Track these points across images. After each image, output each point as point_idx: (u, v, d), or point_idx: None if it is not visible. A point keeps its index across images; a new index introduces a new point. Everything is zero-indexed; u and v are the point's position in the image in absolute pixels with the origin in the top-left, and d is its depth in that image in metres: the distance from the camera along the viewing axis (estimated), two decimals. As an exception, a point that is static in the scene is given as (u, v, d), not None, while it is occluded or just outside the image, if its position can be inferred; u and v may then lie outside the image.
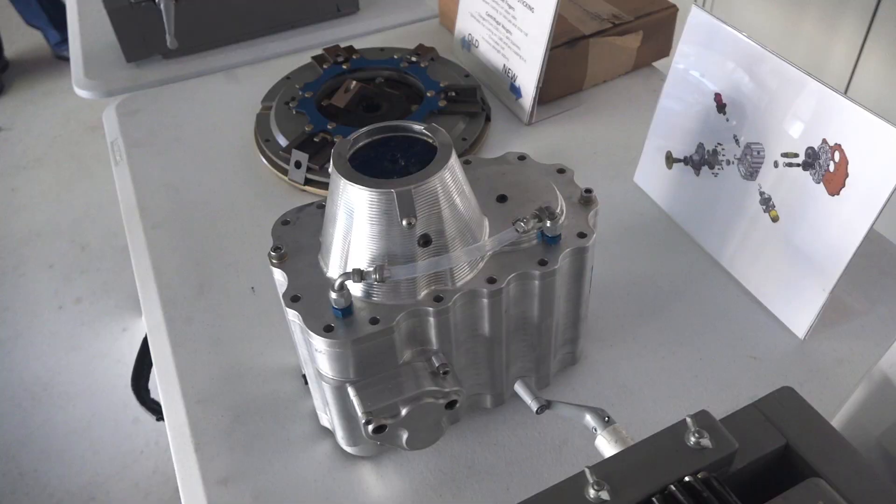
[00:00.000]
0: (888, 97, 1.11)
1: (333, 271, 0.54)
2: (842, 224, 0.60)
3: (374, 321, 0.51)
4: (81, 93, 1.07)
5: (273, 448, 0.62)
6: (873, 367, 0.54)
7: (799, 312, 0.66)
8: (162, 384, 0.68)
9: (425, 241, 0.51)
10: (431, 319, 0.52)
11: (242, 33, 1.11)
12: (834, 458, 0.47)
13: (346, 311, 0.51)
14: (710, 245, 0.75)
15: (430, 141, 0.54)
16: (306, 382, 0.60)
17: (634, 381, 0.65)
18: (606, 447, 0.49)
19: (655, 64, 1.04)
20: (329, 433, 0.62)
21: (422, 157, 0.53)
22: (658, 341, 0.68)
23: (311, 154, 0.84)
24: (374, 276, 0.49)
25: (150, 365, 0.84)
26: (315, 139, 0.86)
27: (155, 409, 0.84)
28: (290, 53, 1.10)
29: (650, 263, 0.75)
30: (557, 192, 0.59)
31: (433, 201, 0.50)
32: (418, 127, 0.53)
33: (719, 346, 0.67)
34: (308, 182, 0.85)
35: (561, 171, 0.62)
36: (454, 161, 0.51)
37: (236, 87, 1.04)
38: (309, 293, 0.53)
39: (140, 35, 1.05)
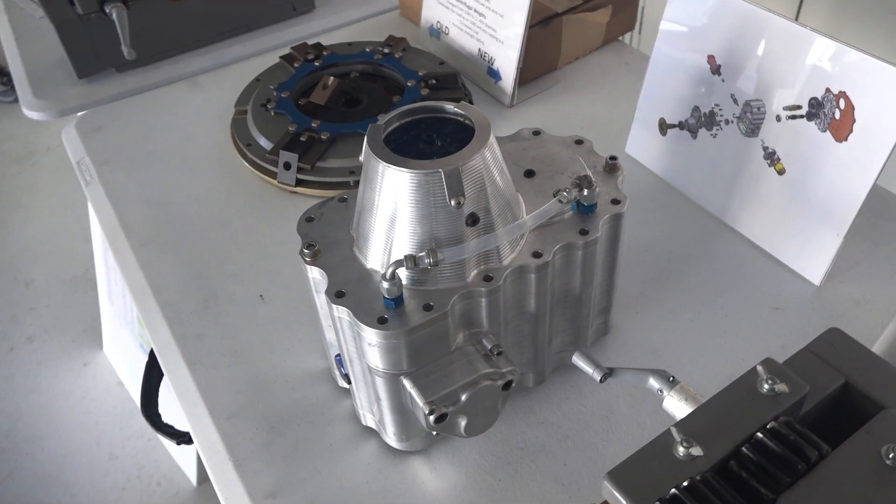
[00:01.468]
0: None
1: (375, 262, 0.52)
2: (852, 168, 0.62)
3: (427, 308, 0.49)
4: (32, 114, 1.00)
5: (317, 455, 0.59)
6: (906, 300, 0.56)
7: (813, 260, 0.68)
8: (184, 405, 0.64)
9: (473, 220, 0.50)
10: (483, 300, 0.51)
11: (198, 40, 1.07)
12: (895, 390, 0.48)
13: (398, 300, 0.49)
14: (714, 205, 0.76)
15: (462, 120, 0.53)
16: (349, 381, 0.57)
17: (667, 345, 0.66)
18: (677, 406, 0.49)
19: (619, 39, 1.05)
20: (372, 433, 0.60)
21: (456, 137, 0.52)
22: (681, 304, 0.69)
23: (300, 154, 0.81)
24: (427, 261, 0.48)
25: (158, 388, 0.80)
26: (301, 138, 0.83)
27: (173, 433, 0.79)
28: (251, 56, 1.07)
29: (657, 230, 0.76)
30: (583, 163, 0.59)
31: (479, 179, 0.49)
32: (451, 107, 0.52)
33: (741, 302, 0.69)
34: (299, 183, 0.82)
35: (579, 141, 0.62)
36: (493, 138, 0.50)
37: (201, 95, 1.00)
38: (353, 287, 0.51)
39: (91, 48, 1.00)
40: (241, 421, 0.62)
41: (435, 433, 0.57)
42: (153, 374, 0.78)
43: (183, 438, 0.78)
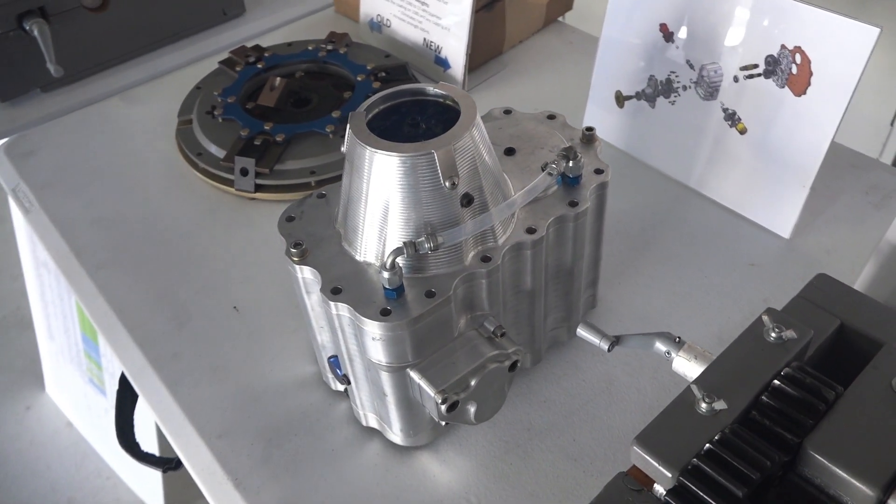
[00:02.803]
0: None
1: (369, 254, 0.50)
2: (813, 120, 0.64)
3: (430, 294, 0.48)
4: (-47, 145, 0.93)
5: (320, 462, 0.57)
6: (880, 241, 0.58)
7: (781, 214, 0.70)
8: (169, 429, 0.61)
9: (468, 200, 0.49)
10: (483, 282, 0.50)
11: (127, 51, 1.02)
12: (889, 325, 0.49)
13: (400, 290, 0.48)
14: (678, 171, 0.78)
15: (443, 101, 0.51)
16: (348, 382, 0.55)
17: (653, 311, 0.66)
18: (688, 366, 0.49)
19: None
20: (374, 433, 0.59)
21: (440, 119, 0.51)
22: (660, 271, 0.70)
23: (256, 158, 0.79)
24: (427, 246, 0.47)
25: (132, 416, 0.75)
26: (255, 142, 0.80)
27: (156, 461, 0.75)
28: (186, 65, 1.03)
29: (625, 202, 0.77)
30: (561, 136, 0.59)
31: (470, 158, 0.48)
32: (432, 88, 0.51)
33: (717, 262, 0.70)
34: (258, 188, 0.79)
35: (551, 116, 0.62)
36: (479, 117, 0.49)
37: (137, 108, 0.95)
38: (348, 282, 0.49)
39: (13, 69, 0.94)
40: (234, 438, 0.59)
41: (444, 423, 0.56)
42: (126, 402, 0.74)
43: (169, 465, 0.74)
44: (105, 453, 1.42)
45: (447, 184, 0.47)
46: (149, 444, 1.04)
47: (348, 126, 0.49)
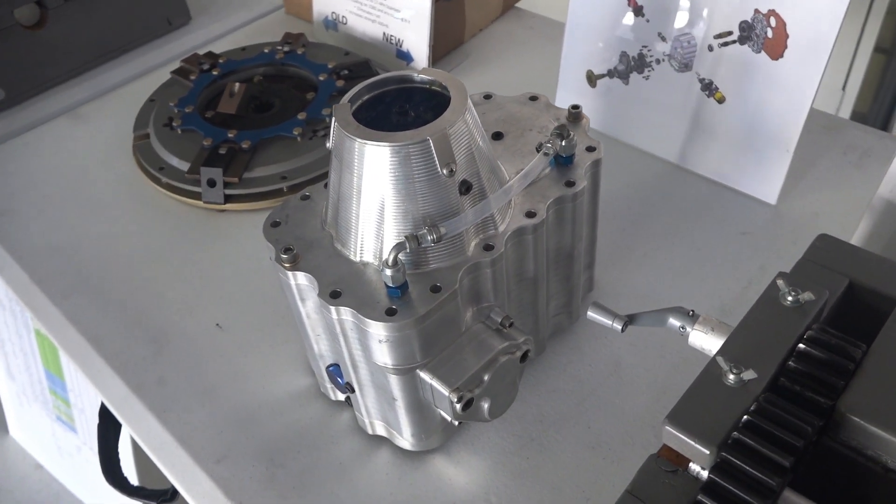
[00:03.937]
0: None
1: (367, 253, 0.48)
2: (792, 82, 0.64)
3: (435, 289, 0.46)
4: None
5: (329, 477, 0.54)
6: (874, 197, 0.58)
7: (766, 180, 0.70)
8: (162, 458, 0.57)
9: (466, 187, 0.47)
10: (488, 271, 0.48)
11: (71, 69, 0.97)
12: (897, 280, 0.49)
13: (404, 287, 0.45)
14: (657, 147, 0.77)
15: (429, 87, 0.49)
16: (352, 390, 0.53)
17: (653, 289, 0.65)
18: (705, 339, 0.48)
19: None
20: (381, 441, 0.56)
21: (428, 106, 0.48)
22: (653, 247, 0.69)
23: (223, 168, 0.75)
24: (430, 238, 0.44)
25: (117, 449, 0.71)
26: (220, 151, 0.77)
27: (149, 494, 0.70)
28: (135, 78, 0.98)
29: (609, 182, 0.73)
30: (548, 117, 0.57)
31: (466, 143, 0.46)
32: (417, 74, 0.49)
33: (709, 234, 0.69)
34: (227, 199, 0.76)
35: (533, 98, 0.60)
36: (470, 100, 0.47)
37: (87, 127, 0.91)
38: (347, 284, 0.47)
39: (-52, 96, 0.88)
40: (234, 460, 0.56)
41: (457, 423, 0.54)
42: (109, 436, 0.69)
43: (164, 497, 0.70)
44: (80, 492, 1.35)
45: (445, 171, 0.44)
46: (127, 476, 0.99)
47: (333, 119, 0.46)
